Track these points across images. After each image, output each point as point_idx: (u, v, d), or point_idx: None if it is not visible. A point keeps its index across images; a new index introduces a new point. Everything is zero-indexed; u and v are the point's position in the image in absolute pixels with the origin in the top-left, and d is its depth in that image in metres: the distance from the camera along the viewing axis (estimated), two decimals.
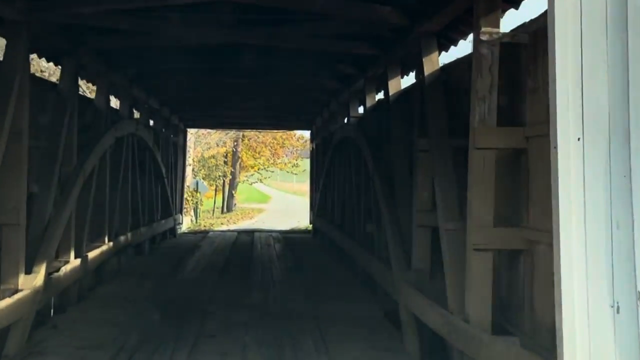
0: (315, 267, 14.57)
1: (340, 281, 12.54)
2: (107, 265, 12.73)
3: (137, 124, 14.83)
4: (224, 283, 12.42)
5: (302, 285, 12.15)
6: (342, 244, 14.75)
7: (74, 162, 10.26)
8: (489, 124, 6.12)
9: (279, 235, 22.06)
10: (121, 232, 14.13)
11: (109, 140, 12.08)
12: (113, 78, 12.89)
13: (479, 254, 6.12)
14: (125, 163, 14.12)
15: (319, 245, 19.16)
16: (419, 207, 8.35)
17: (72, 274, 10.04)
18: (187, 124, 24.95)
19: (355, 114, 14.84)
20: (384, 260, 10.12)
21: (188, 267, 14.30)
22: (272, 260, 15.56)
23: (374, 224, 11.29)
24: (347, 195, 14.89)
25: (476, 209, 6.12)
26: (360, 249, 12.17)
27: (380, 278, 10.01)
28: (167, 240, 20.00)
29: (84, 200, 11.02)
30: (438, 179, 7.45)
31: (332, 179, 17.78)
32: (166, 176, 19.38)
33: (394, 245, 9.07)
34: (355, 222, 13.36)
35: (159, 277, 13.01)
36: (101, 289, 11.73)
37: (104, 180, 12.31)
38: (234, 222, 37.43)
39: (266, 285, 12.15)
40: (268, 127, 28.34)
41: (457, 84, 8.17)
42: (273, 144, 48.50)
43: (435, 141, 7.67)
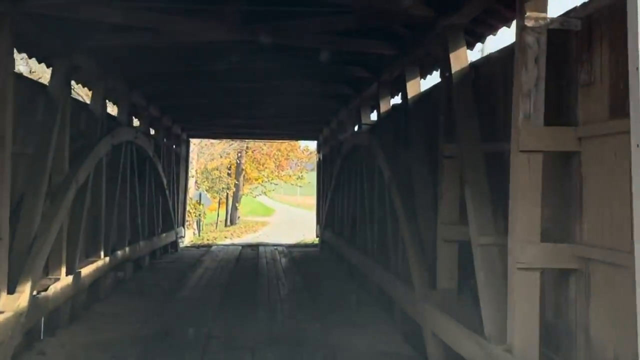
0: (325, 284, 13.71)
1: (352, 300, 11.66)
2: (104, 282, 11.90)
3: (136, 131, 14.03)
4: (228, 301, 11.57)
5: (311, 304, 11.30)
6: (353, 259, 13.91)
7: (65, 170, 9.45)
8: (536, 123, 5.29)
9: (285, 249, 21.20)
10: (119, 247, 13.32)
11: (105, 147, 11.28)
12: (110, 82, 12.09)
13: (524, 274, 5.28)
14: (123, 173, 13.32)
15: (327, 259, 18.30)
16: (445, 220, 7.52)
17: (63, 292, 9.22)
18: (189, 134, 24.17)
19: (367, 121, 14.05)
20: (402, 278, 9.29)
21: (189, 284, 13.47)
22: (278, 276, 14.71)
23: (390, 238, 10.46)
24: (358, 207, 14.07)
25: (520, 222, 5.28)
26: (375, 265, 11.32)
27: (399, 298, 9.16)
28: (169, 254, 19.16)
29: (77, 212, 10.22)
30: (469, 188, 6.62)
31: (341, 190, 16.96)
32: (167, 187, 18.57)
33: (415, 261, 8.24)
34: (368, 235, 12.53)
35: (158, 295, 12.18)
36: (96, 308, 10.89)
37: (99, 191, 11.51)
38: (238, 236, 36.59)
39: (273, 304, 11.31)
40: (273, 137, 27.50)
41: (487, 83, 7.37)
42: (277, 155, 47.74)
43: (465, 146, 6.85)
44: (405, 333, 9.02)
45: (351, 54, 10.92)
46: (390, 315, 10.22)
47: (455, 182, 7.50)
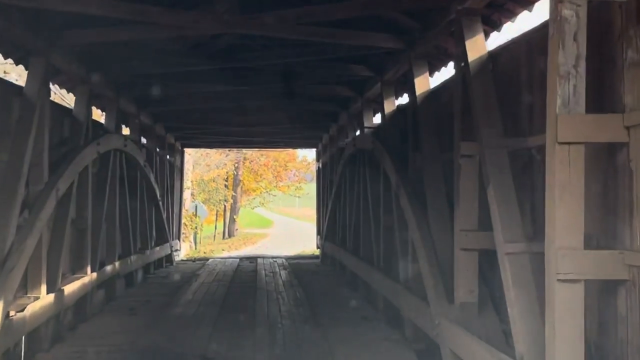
0: (328, 298, 12.92)
1: (359, 315, 10.88)
2: (91, 300, 11.10)
3: (126, 139, 13.25)
4: (224, 319, 10.76)
5: (314, 320, 10.50)
6: (357, 271, 13.13)
7: (44, 179, 8.67)
8: (576, 109, 4.53)
9: (285, 262, 20.38)
10: (108, 261, 12.53)
11: (90, 155, 10.50)
12: (94, 86, 11.33)
13: (565, 287, 4.50)
14: (112, 183, 12.53)
15: (328, 271, 17.50)
16: (463, 226, 6.75)
17: (44, 312, 8.43)
18: (184, 144, 23.41)
19: (370, 125, 13.30)
20: (414, 291, 8.51)
21: (184, 300, 12.66)
22: (278, 290, 13.90)
23: (398, 247, 9.69)
24: (362, 215, 13.29)
25: (560, 226, 4.51)
26: (382, 277, 10.53)
27: (411, 312, 8.37)
28: (163, 268, 18.34)
29: (59, 225, 9.45)
30: (493, 189, 5.85)
31: (342, 199, 16.18)
32: (161, 199, 17.78)
33: (429, 273, 7.46)
34: (374, 245, 11.75)
35: (151, 312, 11.38)
36: (83, 328, 10.10)
37: (85, 202, 10.73)
38: (236, 248, 35.79)
39: (273, 321, 10.49)
40: (271, 146, 26.69)
41: (508, 72, 6.63)
42: (275, 166, 47.00)
43: (486, 143, 6.09)
44: (418, 352, 8.24)
45: (352, 50, 10.14)
46: (399, 331, 9.43)
47: (473, 184, 6.74)
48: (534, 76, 6.08)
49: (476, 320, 6.67)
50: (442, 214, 7.87)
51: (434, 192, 8.05)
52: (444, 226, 7.77)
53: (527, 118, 6.21)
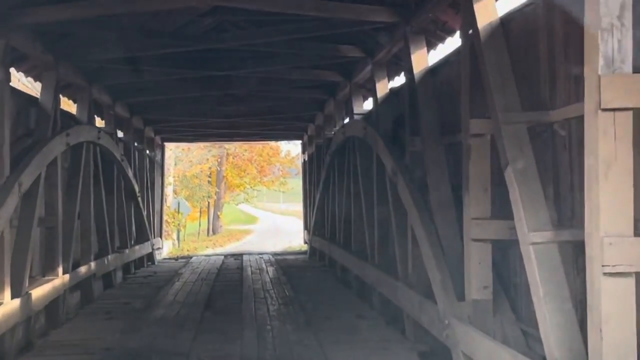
0: (318, 295, 12.15)
1: (353, 313, 10.13)
2: (65, 303, 10.28)
3: (99, 131, 12.39)
4: (209, 320, 9.97)
5: (305, 320, 9.72)
6: (350, 267, 12.38)
7: (4, 172, 7.82)
8: (622, 69, 3.79)
9: (271, 258, 19.58)
10: (83, 262, 11.70)
11: (58, 147, 9.65)
12: (62, 72, 10.47)
13: (614, 281, 3.77)
14: (85, 178, 11.67)
15: (317, 267, 16.74)
16: (474, 214, 6.00)
17: (7, 319, 7.59)
18: (164, 138, 22.53)
19: (360, 111, 12.53)
20: (416, 287, 7.76)
21: (166, 301, 11.84)
22: (265, 288, 13.12)
23: (396, 240, 8.94)
24: (353, 207, 12.53)
25: (606, 210, 3.77)
26: (378, 272, 9.77)
27: (413, 311, 7.60)
28: (144, 268, 17.50)
29: (24, 223, 8.63)
30: (513, 171, 5.10)
31: (331, 191, 15.41)
32: (140, 195, 16.91)
33: (435, 267, 6.71)
34: (367, 239, 11.00)
35: (129, 315, 10.58)
36: (54, 335, 9.30)
37: (54, 198, 9.89)
38: (220, 245, 34.92)
39: (261, 321, 9.70)
40: (254, 139, 25.78)
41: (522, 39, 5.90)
42: (259, 160, 46.09)
43: (504, 118, 5.33)
44: (421, 354, 7.50)
45: (340, 26, 9.29)
46: (399, 331, 8.70)
47: (485, 167, 6.00)
48: (555, 40, 5.34)
49: (491, 320, 5.94)
50: (446, 201, 7.13)
51: (436, 178, 7.30)
52: (448, 215, 7.03)
53: (548, 89, 5.47)
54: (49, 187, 9.75)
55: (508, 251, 6.26)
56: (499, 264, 6.25)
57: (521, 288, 6.06)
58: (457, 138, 7.51)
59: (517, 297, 6.18)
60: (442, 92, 8.00)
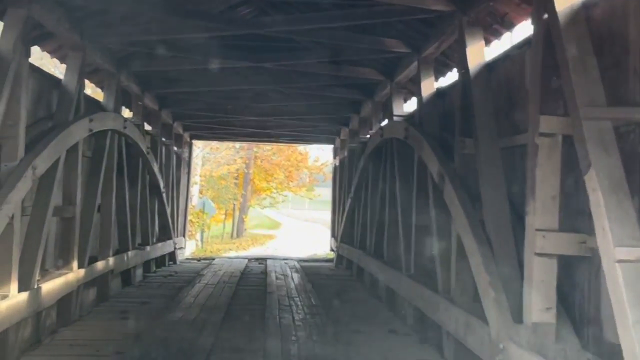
0: (346, 305, 11.42)
1: (384, 328, 9.38)
2: (78, 300, 9.67)
3: (125, 120, 11.79)
4: (229, 327, 9.28)
5: (333, 332, 8.98)
6: (381, 277, 11.64)
7: (18, 155, 7.21)
8: None
9: (296, 264, 18.85)
10: (100, 257, 11.09)
11: (80, 132, 9.04)
12: (91, 55, 9.90)
13: None
14: (108, 168, 11.08)
15: (345, 276, 15.99)
16: (540, 225, 5.24)
17: (11, 314, 6.98)
18: (193, 135, 21.96)
19: (401, 112, 11.80)
20: (460, 304, 7.01)
21: (185, 303, 11.18)
22: (290, 295, 12.41)
23: (438, 250, 8.19)
24: (387, 214, 11.81)
25: None
26: (415, 285, 9.01)
27: (458, 331, 6.83)
28: (166, 267, 16.90)
29: (38, 211, 8.01)
30: (597, 175, 4.35)
31: (363, 197, 14.69)
32: (164, 191, 16.30)
33: (488, 284, 5.95)
34: (403, 249, 10.25)
35: (145, 316, 9.92)
36: (65, 333, 8.69)
37: (73, 187, 9.28)
38: (244, 248, 34.26)
39: (286, 331, 8.99)
40: (284, 141, 25.05)
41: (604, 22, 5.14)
42: (287, 165, 45.45)
43: (585, 113, 4.58)
44: None
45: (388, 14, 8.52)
46: (436, 351, 7.96)
47: (554, 171, 5.24)
48: None
49: (552, 346, 5.17)
50: (501, 210, 6.37)
51: (491, 183, 6.55)
52: (504, 225, 6.28)
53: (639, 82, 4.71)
54: (68, 174, 9.16)
55: (573, 268, 5.50)
56: (560, 282, 5.49)
57: (588, 311, 5.30)
58: (515, 141, 6.80)
59: (582, 321, 5.41)
60: (500, 91, 7.25)
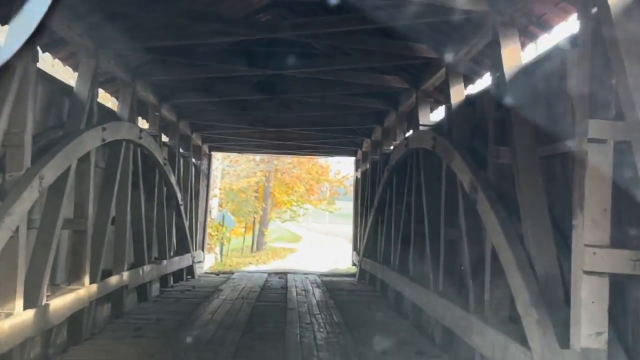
0: (371, 324, 10.90)
1: (412, 349, 8.85)
2: (90, 317, 9.26)
3: (141, 131, 11.40)
4: (247, 347, 8.81)
5: (357, 352, 8.48)
6: (407, 294, 11.11)
7: (25, 163, 6.82)
8: None
9: (317, 279, 18.36)
10: (114, 271, 10.68)
11: (92, 141, 8.65)
12: (104, 63, 9.54)
13: None
14: (122, 179, 10.70)
15: (368, 291, 15.46)
16: (589, 240, 4.73)
17: (14, 333, 6.55)
18: (211, 147, 21.60)
19: (427, 122, 11.32)
20: (495, 324, 6.49)
21: (202, 320, 10.73)
22: (312, 312, 11.92)
23: (468, 266, 7.68)
24: (413, 228, 11.31)
25: None
26: (444, 303, 8.49)
27: (494, 355, 6.30)
28: (183, 282, 16.46)
29: (47, 224, 7.61)
30: None
31: (387, 210, 14.19)
32: (182, 203, 15.90)
33: (530, 304, 5.43)
34: (430, 264, 9.74)
35: (160, 334, 9.48)
36: (74, 353, 8.27)
37: (84, 198, 8.87)
38: (264, 262, 33.81)
39: (307, 352, 8.49)
40: (305, 153, 24.60)
41: None
42: (308, 179, 45.02)
43: None
44: None
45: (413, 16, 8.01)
46: None
47: (605, 182, 4.74)
48: None
49: None
50: (542, 223, 5.86)
51: (530, 195, 6.04)
52: (545, 240, 5.77)
53: None
54: (79, 185, 8.77)
55: (626, 288, 4.98)
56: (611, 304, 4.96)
57: None
58: (555, 149, 6.29)
59: (637, 348, 4.88)
60: (538, 95, 6.75)
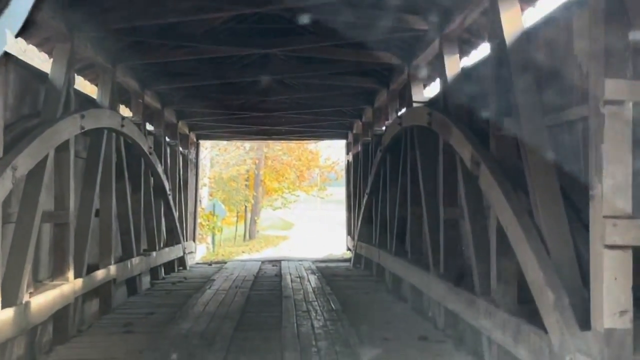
0: (370, 310, 10.54)
1: (414, 334, 8.48)
2: (76, 313, 8.84)
3: (123, 119, 10.94)
4: (242, 338, 8.39)
5: (358, 340, 8.07)
6: (406, 277, 10.73)
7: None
8: None
9: (312, 265, 17.97)
10: (101, 265, 10.26)
11: (69, 129, 8.19)
12: (81, 47, 9.06)
13: None
14: (106, 170, 10.26)
15: (364, 276, 15.08)
16: (609, 211, 4.34)
17: None
18: (199, 135, 21.12)
19: (421, 99, 10.91)
20: (503, 306, 6.11)
21: (194, 312, 10.31)
22: (308, 299, 11.52)
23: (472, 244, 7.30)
24: (410, 209, 10.93)
25: None
26: (446, 286, 8.11)
27: (505, 339, 5.90)
28: (175, 273, 16.06)
29: (24, 217, 7.17)
30: None
31: (381, 192, 13.80)
32: (170, 193, 15.46)
33: (544, 283, 5.04)
34: (430, 245, 9.36)
35: (150, 329, 9.07)
36: (59, 352, 7.85)
37: (65, 190, 8.42)
38: (257, 251, 33.43)
39: (305, 341, 8.09)
40: (294, 137, 24.07)
41: None
42: (298, 165, 44.61)
43: None
44: None
45: None
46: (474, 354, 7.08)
47: (625, 146, 4.34)
48: None
49: (630, 357, 4.27)
50: (553, 196, 5.47)
51: (539, 166, 5.64)
52: (557, 214, 5.38)
53: None
54: (59, 177, 8.33)
55: None
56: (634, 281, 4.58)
57: None
58: (563, 117, 5.90)
59: None
60: (542, 61, 6.36)
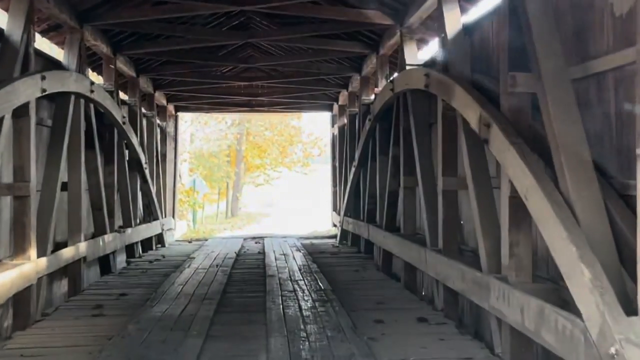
0: (360, 288, 9.84)
1: (412, 315, 7.77)
2: (40, 295, 8.04)
3: (92, 84, 10.05)
4: (222, 322, 7.64)
5: (350, 323, 7.33)
6: (399, 253, 9.99)
7: None
8: None
9: (297, 242, 17.24)
10: (70, 242, 9.45)
11: (28, 91, 7.32)
12: (40, 2, 8.18)
13: None
14: (73, 139, 9.42)
15: (351, 253, 14.38)
16: None
17: None
18: (177, 107, 20.22)
19: (415, 62, 10.11)
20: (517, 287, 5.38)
21: (170, 293, 9.51)
22: (293, 278, 10.77)
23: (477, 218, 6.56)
24: (403, 181, 10.19)
25: None
26: (449, 262, 7.36)
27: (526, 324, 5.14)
28: (152, 251, 15.28)
29: None
30: None
31: (370, 164, 13.05)
32: (147, 166, 14.61)
33: (577, 260, 4.29)
34: (427, 219, 8.63)
35: (123, 311, 8.30)
36: (18, 339, 7.05)
37: (24, 159, 7.57)
38: (239, 227, 32.69)
39: (292, 325, 7.32)
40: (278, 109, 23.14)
41: None
42: (280, 141, 43.74)
43: None
44: None
45: None
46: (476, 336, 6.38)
47: None
48: None
49: None
50: (582, 161, 4.72)
51: (564, 127, 4.88)
52: (588, 181, 4.64)
53: None
54: (18, 145, 7.49)
55: None
56: None
57: None
58: (590, 68, 5.13)
59: None
60: (563, 7, 5.58)
